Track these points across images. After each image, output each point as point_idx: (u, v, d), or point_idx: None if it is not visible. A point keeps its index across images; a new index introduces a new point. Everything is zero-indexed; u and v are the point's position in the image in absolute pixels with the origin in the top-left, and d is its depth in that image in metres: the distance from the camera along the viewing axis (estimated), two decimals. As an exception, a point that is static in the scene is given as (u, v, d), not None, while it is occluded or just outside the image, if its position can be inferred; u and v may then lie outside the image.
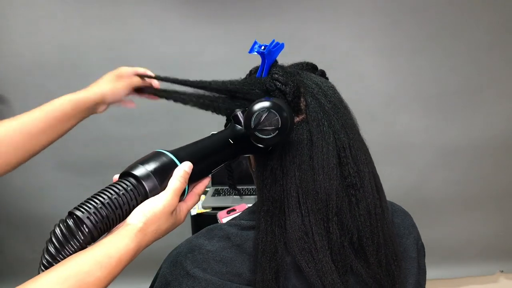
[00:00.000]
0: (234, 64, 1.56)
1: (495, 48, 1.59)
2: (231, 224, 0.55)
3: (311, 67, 0.62)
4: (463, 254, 1.87)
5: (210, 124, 1.59)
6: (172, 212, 0.46)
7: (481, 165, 1.73)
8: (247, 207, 1.02)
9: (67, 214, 0.41)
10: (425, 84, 1.62)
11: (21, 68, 1.51)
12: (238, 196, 1.48)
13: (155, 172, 0.45)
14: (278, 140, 0.49)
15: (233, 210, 1.05)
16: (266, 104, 0.48)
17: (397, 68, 1.61)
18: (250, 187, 1.54)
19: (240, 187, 1.51)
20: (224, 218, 1.02)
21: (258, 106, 0.48)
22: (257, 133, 0.49)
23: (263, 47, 0.54)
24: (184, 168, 0.47)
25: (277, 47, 0.54)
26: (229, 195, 1.51)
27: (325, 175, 0.50)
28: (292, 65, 0.61)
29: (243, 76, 0.61)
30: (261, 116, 0.48)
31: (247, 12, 1.52)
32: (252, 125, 0.48)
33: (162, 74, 0.70)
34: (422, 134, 1.68)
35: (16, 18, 1.47)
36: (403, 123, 1.66)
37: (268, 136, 0.48)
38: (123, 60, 1.55)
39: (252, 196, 1.49)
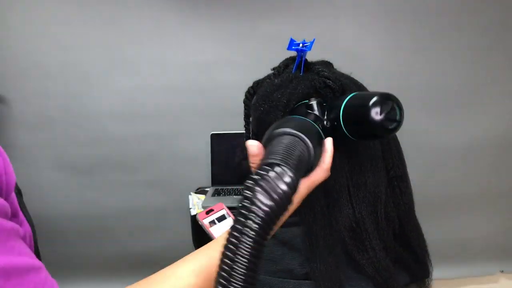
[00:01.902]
0: (235, 64, 1.57)
1: (495, 48, 1.58)
2: None
3: (331, 65, 0.63)
4: (463, 254, 1.87)
5: (210, 124, 1.60)
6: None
7: (481, 165, 1.73)
8: (224, 206, 1.00)
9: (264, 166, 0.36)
10: (425, 84, 1.62)
11: (21, 68, 1.51)
12: (238, 196, 1.48)
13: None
14: (396, 131, 0.48)
15: (212, 210, 1.02)
16: (384, 96, 0.47)
17: (397, 68, 1.60)
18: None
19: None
20: (204, 219, 0.99)
21: (376, 98, 0.47)
22: (384, 124, 0.47)
23: (301, 45, 0.55)
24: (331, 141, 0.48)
25: (311, 44, 0.56)
26: (229, 195, 1.51)
27: (372, 167, 0.53)
28: (316, 62, 0.63)
29: (243, 75, 0.60)
30: (386, 109, 0.46)
31: (247, 12, 1.51)
32: (378, 118, 0.46)
33: (163, 74, 0.70)
34: (422, 134, 1.67)
35: (16, 18, 1.47)
36: (403, 123, 1.66)
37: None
38: (123, 60, 1.55)
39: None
